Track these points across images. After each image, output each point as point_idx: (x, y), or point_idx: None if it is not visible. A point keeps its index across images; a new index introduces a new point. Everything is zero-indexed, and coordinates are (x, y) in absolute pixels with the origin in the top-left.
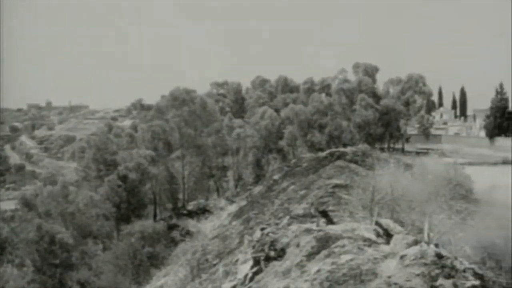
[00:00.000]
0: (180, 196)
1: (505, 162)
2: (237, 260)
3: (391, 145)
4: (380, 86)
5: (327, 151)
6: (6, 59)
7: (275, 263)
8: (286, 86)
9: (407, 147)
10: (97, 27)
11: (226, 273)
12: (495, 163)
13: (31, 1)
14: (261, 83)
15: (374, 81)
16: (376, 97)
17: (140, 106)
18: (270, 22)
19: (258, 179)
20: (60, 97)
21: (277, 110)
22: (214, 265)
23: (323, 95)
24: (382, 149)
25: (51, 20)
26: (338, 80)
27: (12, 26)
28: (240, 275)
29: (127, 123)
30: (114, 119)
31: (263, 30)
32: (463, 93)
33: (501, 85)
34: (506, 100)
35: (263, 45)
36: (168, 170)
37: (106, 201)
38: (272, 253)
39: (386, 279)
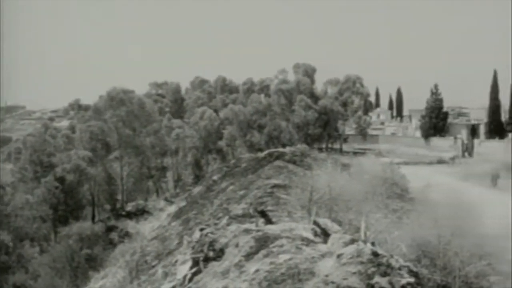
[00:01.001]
0: (119, 197)
1: (440, 161)
2: (176, 261)
3: (329, 145)
4: (318, 87)
5: (266, 152)
6: None
7: (214, 263)
8: (225, 87)
9: (345, 147)
10: (33, 26)
11: (165, 274)
12: (430, 163)
13: None
14: (200, 83)
15: (312, 81)
16: (315, 97)
17: (78, 107)
18: (208, 22)
19: (197, 179)
20: None
21: (216, 111)
22: (153, 266)
23: (262, 95)
24: (320, 149)
25: None
26: (277, 81)
27: None
28: (179, 276)
29: (64, 123)
30: (51, 119)
31: (202, 31)
32: (399, 94)
33: (435, 86)
34: (441, 100)
35: (202, 46)
36: (106, 171)
37: (43, 203)
38: (211, 254)
39: (324, 278)
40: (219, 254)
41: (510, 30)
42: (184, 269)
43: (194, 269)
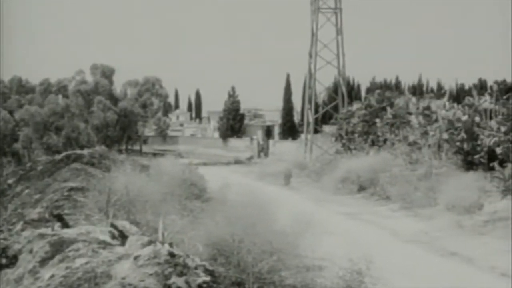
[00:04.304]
0: None
1: (237, 162)
2: None
3: (129, 147)
4: (117, 88)
5: (64, 154)
6: None
7: (7, 270)
8: (22, 87)
9: (145, 148)
10: None
11: None
12: (228, 163)
13: None
14: None
15: (111, 83)
16: (114, 99)
17: None
18: (4, 19)
19: None
20: None
21: (11, 112)
22: None
23: (60, 96)
24: (120, 151)
25: None
26: (75, 82)
27: None
28: None
29: None
30: None
31: None
32: (198, 96)
33: (233, 88)
34: (238, 102)
35: None
36: None
37: None
38: (3, 261)
39: (121, 281)
40: (13, 261)
41: (311, 35)
42: None
43: None
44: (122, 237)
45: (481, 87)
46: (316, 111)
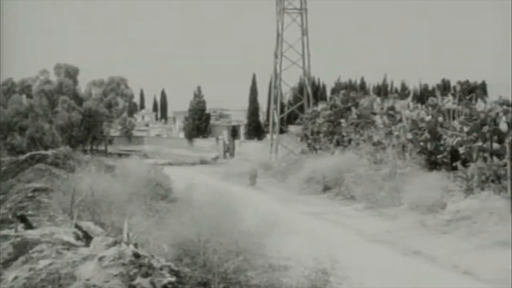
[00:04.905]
0: None
1: (202, 162)
2: None
3: (94, 147)
4: (82, 88)
5: (28, 154)
6: None
7: None
8: None
9: (110, 149)
10: None
11: None
12: (194, 163)
13: None
14: None
15: (75, 82)
16: (79, 99)
17: None
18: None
19: None
20: None
21: None
22: None
23: (24, 96)
24: (85, 151)
25: None
26: (39, 81)
27: None
28: None
29: None
30: None
31: None
32: (163, 96)
33: (198, 89)
34: (204, 102)
35: None
36: None
37: None
38: None
39: (85, 282)
40: None
41: (276, 36)
42: None
43: None
44: (87, 238)
45: (444, 87)
46: (282, 111)
